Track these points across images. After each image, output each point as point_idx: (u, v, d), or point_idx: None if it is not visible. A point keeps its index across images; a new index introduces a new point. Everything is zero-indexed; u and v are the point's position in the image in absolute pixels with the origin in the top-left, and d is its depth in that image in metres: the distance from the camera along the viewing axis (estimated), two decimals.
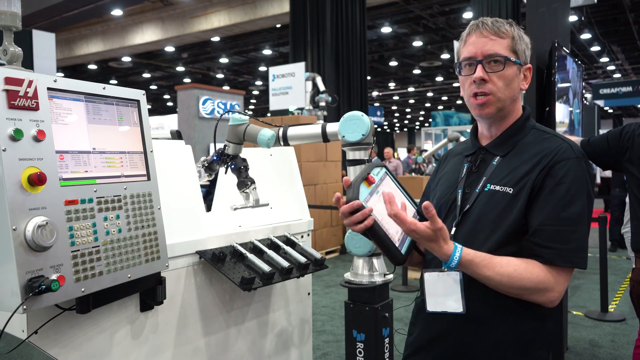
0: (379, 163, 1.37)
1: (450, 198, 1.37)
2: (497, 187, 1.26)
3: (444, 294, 1.26)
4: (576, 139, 2.59)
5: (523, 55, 1.32)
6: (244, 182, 2.03)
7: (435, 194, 1.45)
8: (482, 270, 1.18)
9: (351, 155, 1.98)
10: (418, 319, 1.41)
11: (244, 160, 2.09)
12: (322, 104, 8.62)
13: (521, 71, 1.32)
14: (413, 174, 9.73)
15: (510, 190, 1.24)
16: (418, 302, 1.42)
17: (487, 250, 1.23)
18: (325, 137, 2.02)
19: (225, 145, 2.11)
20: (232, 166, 2.07)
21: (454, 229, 1.31)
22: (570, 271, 1.20)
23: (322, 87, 8.03)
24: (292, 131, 2.08)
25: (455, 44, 1.60)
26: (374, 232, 1.22)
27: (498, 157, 1.32)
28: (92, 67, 21.01)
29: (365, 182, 1.24)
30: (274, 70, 11.65)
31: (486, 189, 1.28)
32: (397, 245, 1.26)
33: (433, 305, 1.28)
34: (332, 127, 2.01)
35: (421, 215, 1.51)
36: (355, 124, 1.92)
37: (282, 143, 2.10)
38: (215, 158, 2.11)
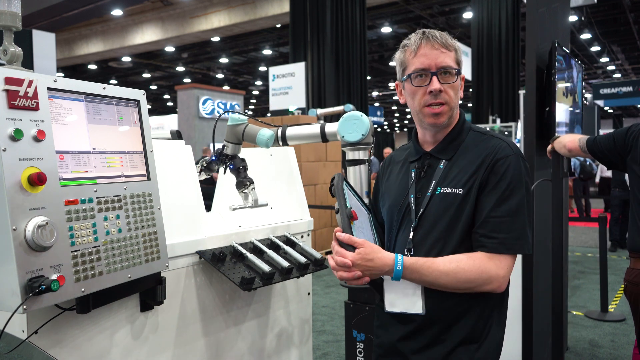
0: (340, 179, 1.37)
1: (402, 204, 1.41)
2: (448, 189, 1.33)
3: (403, 296, 1.32)
4: (581, 137, 2.59)
5: (462, 65, 1.40)
6: (243, 182, 2.02)
7: (385, 202, 1.49)
8: (427, 272, 1.25)
9: (351, 155, 1.98)
10: (383, 322, 1.44)
11: (243, 160, 2.09)
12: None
13: (460, 81, 1.39)
14: None
15: (460, 190, 1.31)
16: (379, 304, 1.44)
17: (447, 250, 1.30)
18: (324, 137, 2.02)
19: (223, 145, 2.10)
20: (231, 166, 2.06)
21: (412, 233, 1.35)
22: (513, 258, 1.29)
23: None
24: (291, 131, 2.07)
25: (399, 53, 1.60)
26: (373, 282, 1.30)
27: (444, 161, 1.38)
28: (92, 67, 21.01)
29: (350, 221, 1.27)
30: (274, 70, 11.66)
31: (437, 192, 1.34)
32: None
33: (392, 306, 1.34)
34: (331, 127, 2.01)
35: (374, 213, 1.58)
36: (355, 124, 1.92)
37: (281, 143, 2.09)
38: (214, 158, 2.10)
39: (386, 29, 15.86)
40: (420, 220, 1.35)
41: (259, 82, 24.35)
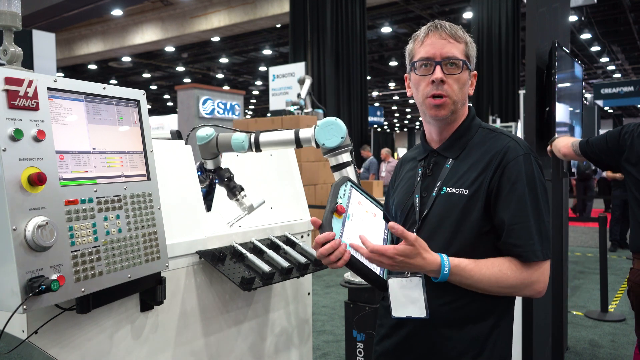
0: (342, 180, 1.36)
1: (407, 204, 1.38)
2: (453, 190, 1.28)
3: (407, 300, 1.27)
4: (574, 140, 2.59)
5: (473, 61, 1.35)
6: (232, 192, 2.01)
7: (394, 201, 1.46)
8: (470, 274, 1.21)
9: (334, 161, 1.96)
10: (384, 322, 1.41)
11: (227, 170, 2.05)
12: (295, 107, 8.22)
13: (470, 77, 1.35)
14: None
15: (465, 191, 1.27)
16: (384, 306, 1.42)
17: (450, 252, 1.25)
18: (298, 142, 1.98)
19: (201, 163, 2.08)
20: (216, 180, 2.04)
21: (414, 234, 1.32)
22: (549, 261, 1.26)
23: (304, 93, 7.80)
24: (264, 137, 2.00)
25: (408, 44, 1.60)
26: (353, 265, 1.23)
27: (450, 160, 1.34)
28: (92, 67, 21.01)
29: (335, 214, 1.23)
30: (274, 70, 11.66)
31: (442, 192, 1.30)
32: (376, 271, 1.28)
33: (398, 310, 1.29)
34: (305, 133, 1.97)
35: (388, 215, 1.52)
36: (332, 129, 1.91)
37: (253, 149, 2.01)
38: (200, 173, 2.08)
39: (386, 29, 15.86)
40: (424, 221, 1.31)
41: (259, 82, 24.35)
